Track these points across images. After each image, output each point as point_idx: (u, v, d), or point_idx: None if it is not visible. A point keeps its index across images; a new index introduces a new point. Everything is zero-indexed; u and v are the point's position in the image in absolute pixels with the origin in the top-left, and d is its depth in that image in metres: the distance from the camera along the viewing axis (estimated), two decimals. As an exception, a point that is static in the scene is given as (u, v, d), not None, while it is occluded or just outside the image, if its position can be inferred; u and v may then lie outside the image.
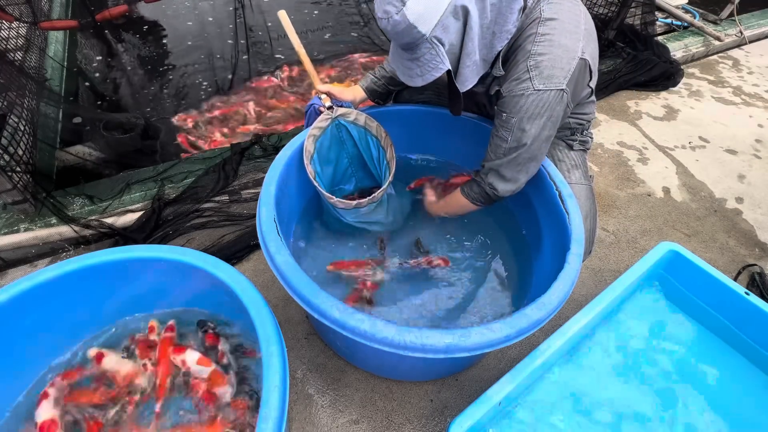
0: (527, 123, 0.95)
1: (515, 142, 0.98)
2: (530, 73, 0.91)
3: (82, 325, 1.02)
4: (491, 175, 1.06)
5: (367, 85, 1.30)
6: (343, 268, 1.21)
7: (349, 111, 1.22)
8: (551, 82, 0.90)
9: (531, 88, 0.91)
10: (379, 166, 1.31)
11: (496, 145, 1.02)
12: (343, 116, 1.22)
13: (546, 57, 0.90)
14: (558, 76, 0.90)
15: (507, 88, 0.96)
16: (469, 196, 1.14)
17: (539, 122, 0.95)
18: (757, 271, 1.48)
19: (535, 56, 0.90)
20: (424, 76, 0.90)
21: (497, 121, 1.01)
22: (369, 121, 1.24)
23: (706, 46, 2.78)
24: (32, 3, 2.14)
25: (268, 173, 1.06)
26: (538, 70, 0.90)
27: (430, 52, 0.86)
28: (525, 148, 0.99)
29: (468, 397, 1.13)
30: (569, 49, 0.90)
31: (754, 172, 1.96)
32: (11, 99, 1.51)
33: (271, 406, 0.69)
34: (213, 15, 3.04)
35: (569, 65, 0.91)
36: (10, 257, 1.37)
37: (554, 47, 0.90)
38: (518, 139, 0.97)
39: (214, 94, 2.28)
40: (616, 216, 1.68)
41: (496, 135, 1.02)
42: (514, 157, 1.01)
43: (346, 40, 2.82)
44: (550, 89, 0.91)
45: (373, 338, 0.76)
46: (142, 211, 1.47)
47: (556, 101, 0.92)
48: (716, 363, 1.15)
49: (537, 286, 1.12)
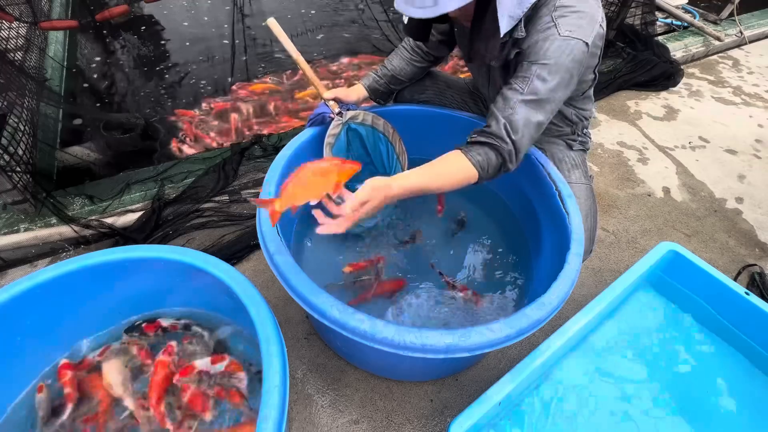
0: (548, 73, 0.87)
1: (531, 94, 0.88)
2: (555, 21, 0.86)
3: (82, 325, 1.02)
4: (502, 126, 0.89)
5: (369, 84, 1.30)
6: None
7: (357, 113, 1.22)
8: (577, 31, 0.86)
9: (556, 34, 0.86)
10: (389, 163, 1.31)
11: (506, 98, 0.90)
12: (353, 119, 1.22)
13: (572, 9, 0.87)
14: (584, 27, 0.87)
15: (529, 41, 0.89)
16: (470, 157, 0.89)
17: (559, 74, 0.87)
18: (757, 271, 1.48)
19: (560, 8, 0.87)
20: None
21: (515, 74, 0.91)
22: (376, 119, 1.25)
23: (706, 46, 2.78)
24: (32, 3, 2.14)
25: (268, 173, 1.06)
26: (563, 19, 0.86)
27: None
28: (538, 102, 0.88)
29: (468, 397, 1.13)
30: (593, 11, 0.88)
31: (754, 172, 1.96)
32: (11, 99, 1.51)
33: (271, 406, 0.69)
34: (213, 15, 3.04)
35: (593, 24, 0.88)
36: (10, 257, 1.37)
37: (581, 2, 0.87)
38: (534, 90, 0.87)
39: (213, 93, 2.28)
40: (616, 216, 1.68)
41: (509, 88, 0.90)
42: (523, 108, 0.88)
43: (346, 40, 2.83)
44: (576, 38, 0.86)
45: (373, 338, 0.76)
46: (142, 211, 1.47)
47: (579, 54, 0.87)
48: (716, 363, 1.15)
49: (537, 286, 1.12)
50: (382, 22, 2.86)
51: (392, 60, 1.28)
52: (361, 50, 2.68)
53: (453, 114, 1.34)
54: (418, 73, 1.32)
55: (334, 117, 1.19)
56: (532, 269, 1.23)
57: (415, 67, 1.29)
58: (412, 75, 1.30)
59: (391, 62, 1.28)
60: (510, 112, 0.89)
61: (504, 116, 0.89)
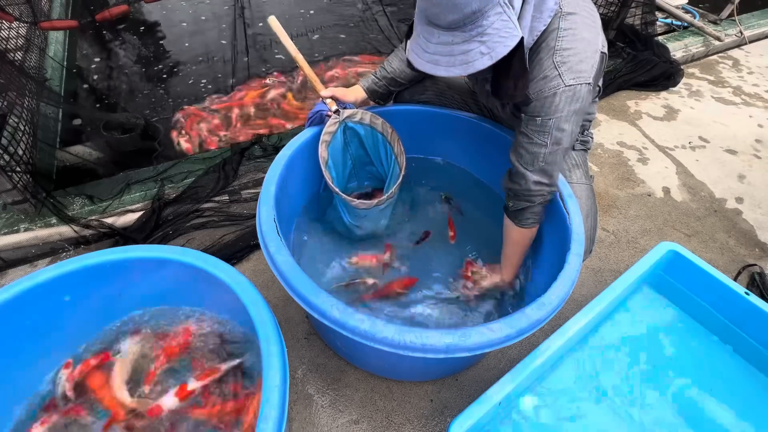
0: (564, 122, 0.91)
1: (555, 145, 0.93)
2: (558, 69, 0.87)
3: (81, 325, 1.02)
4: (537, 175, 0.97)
5: (368, 85, 1.29)
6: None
7: (354, 112, 1.22)
8: (581, 76, 0.87)
9: (562, 85, 0.87)
10: (387, 162, 1.30)
11: (533, 154, 0.95)
12: (349, 118, 1.22)
13: (571, 51, 0.87)
14: (585, 69, 0.87)
15: (535, 88, 0.90)
16: (525, 225, 1.05)
17: (573, 120, 0.91)
18: (757, 271, 1.48)
19: (560, 51, 0.87)
20: (493, 52, 0.75)
21: (530, 127, 0.94)
22: (374, 118, 1.24)
23: (706, 46, 2.78)
24: (32, 3, 2.14)
25: (268, 173, 1.06)
26: (566, 65, 0.86)
27: (501, 18, 0.74)
28: (562, 147, 0.94)
29: (468, 397, 1.13)
30: (591, 43, 0.88)
31: (754, 172, 1.96)
32: (11, 99, 1.51)
33: (271, 406, 0.69)
34: (212, 15, 3.04)
35: (593, 59, 0.89)
36: (10, 257, 1.37)
37: (578, 41, 0.87)
38: (557, 141, 0.93)
39: (212, 93, 2.27)
40: (616, 216, 1.68)
41: (531, 143, 0.95)
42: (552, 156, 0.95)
43: (345, 40, 2.82)
44: (580, 83, 0.87)
45: (373, 338, 0.76)
46: (142, 211, 1.47)
47: (585, 95, 0.89)
48: (716, 363, 1.15)
49: (537, 286, 1.12)
50: (381, 20, 2.86)
51: (392, 62, 1.27)
52: (361, 51, 2.68)
53: (453, 114, 1.34)
54: (417, 76, 1.31)
55: (331, 115, 1.19)
56: (532, 269, 1.22)
57: (415, 70, 1.28)
58: (411, 77, 1.30)
59: (391, 64, 1.27)
60: (542, 165, 0.96)
61: (534, 169, 0.97)
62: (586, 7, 0.92)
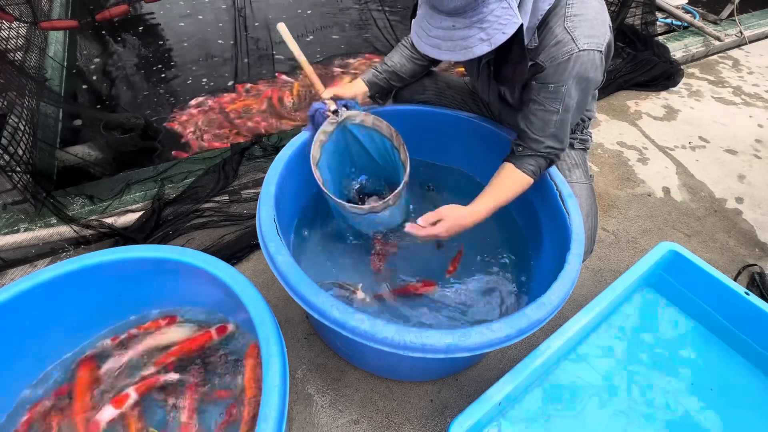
0: (575, 88, 0.91)
1: (566, 111, 0.94)
2: (571, 34, 0.86)
3: (81, 325, 1.02)
4: (550, 141, 0.99)
5: (368, 78, 1.27)
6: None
7: (355, 113, 1.18)
8: (593, 40, 0.87)
9: (576, 49, 0.86)
10: (393, 167, 1.29)
11: (544, 120, 0.96)
12: (349, 119, 1.19)
13: (582, 17, 0.87)
14: (598, 35, 0.87)
15: (547, 55, 0.89)
16: (524, 169, 1.03)
17: (582, 88, 0.92)
18: (757, 271, 1.48)
19: (571, 17, 0.86)
20: (492, 39, 0.76)
21: (542, 94, 0.94)
22: (377, 121, 1.21)
23: (706, 46, 2.78)
24: (32, 3, 2.14)
25: (268, 173, 1.06)
26: (578, 30, 0.86)
27: (501, 5, 0.75)
28: (571, 113, 0.96)
29: (468, 397, 1.13)
30: (601, 12, 0.89)
31: (754, 172, 1.96)
32: (11, 99, 1.51)
33: (271, 406, 0.69)
34: (212, 15, 3.04)
35: (604, 29, 0.89)
36: (10, 257, 1.37)
37: (588, 8, 0.87)
38: (568, 107, 0.94)
39: (212, 93, 2.27)
40: (616, 216, 1.68)
41: (543, 109, 0.95)
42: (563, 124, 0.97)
43: (346, 41, 2.83)
44: (593, 48, 0.87)
45: (373, 338, 0.76)
46: (142, 211, 1.47)
47: (598, 62, 0.89)
48: (716, 363, 1.15)
49: (537, 286, 1.12)
50: (381, 21, 2.86)
51: (392, 57, 1.26)
52: (361, 51, 2.68)
53: (453, 114, 1.34)
54: (419, 71, 1.30)
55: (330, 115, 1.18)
56: (532, 269, 1.22)
57: (416, 65, 1.27)
58: (412, 72, 1.29)
59: (392, 59, 1.26)
60: (552, 131, 0.98)
61: (546, 135, 0.98)
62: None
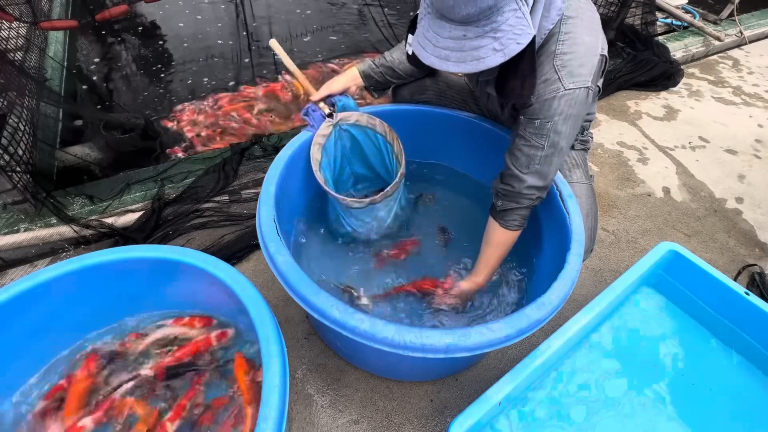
0: (562, 125, 0.91)
1: (551, 148, 0.94)
2: (558, 73, 0.87)
3: (81, 325, 1.02)
4: (532, 178, 0.98)
5: (364, 69, 1.25)
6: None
7: (348, 114, 1.21)
8: (579, 79, 0.88)
9: (562, 88, 0.88)
10: (389, 163, 1.30)
11: (529, 156, 0.96)
12: (343, 120, 1.21)
13: (571, 56, 0.87)
14: (584, 74, 0.88)
15: (535, 91, 0.91)
16: (510, 227, 1.04)
17: (571, 123, 0.92)
18: (757, 271, 1.48)
19: (560, 55, 0.87)
20: (506, 49, 0.73)
21: (528, 129, 0.95)
22: (370, 119, 1.23)
23: (706, 46, 2.78)
24: (32, 3, 2.14)
25: (268, 173, 1.06)
26: (566, 69, 0.87)
27: (515, 14, 0.72)
28: (558, 150, 0.95)
29: (468, 397, 1.13)
30: (591, 46, 0.89)
31: (754, 172, 1.96)
32: (11, 99, 1.51)
33: (271, 406, 0.69)
34: (212, 15, 3.04)
35: (593, 62, 0.89)
36: (10, 257, 1.37)
37: (578, 45, 0.87)
38: (554, 144, 0.94)
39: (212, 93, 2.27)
40: (616, 216, 1.68)
41: (528, 145, 0.95)
42: (549, 159, 0.96)
43: (346, 41, 2.83)
44: (579, 87, 0.88)
45: (373, 338, 0.76)
46: (142, 211, 1.47)
47: (584, 98, 0.90)
48: (716, 363, 1.15)
49: (537, 286, 1.12)
50: (381, 21, 2.86)
51: (393, 53, 1.25)
52: (361, 50, 2.68)
53: (453, 114, 1.34)
54: (417, 72, 1.30)
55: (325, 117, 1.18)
56: (532, 269, 1.22)
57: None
58: (410, 71, 1.27)
59: (392, 54, 1.25)
60: (537, 167, 0.97)
61: (530, 172, 0.97)
62: (587, 9, 0.92)
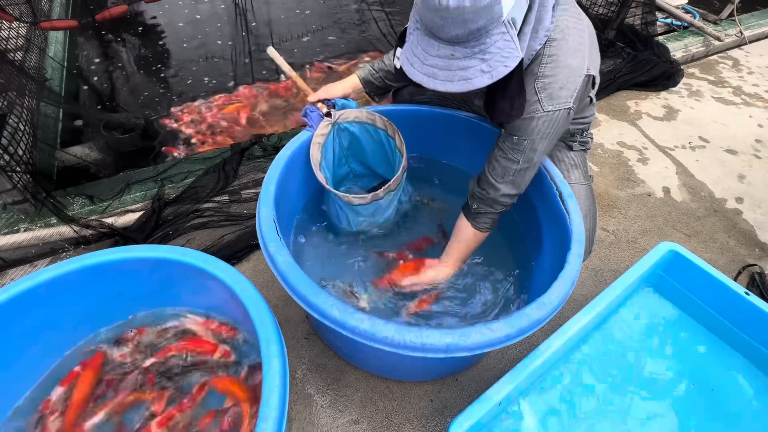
0: (539, 143, 0.95)
1: (526, 162, 0.98)
2: (538, 95, 0.89)
3: (81, 326, 1.02)
4: (507, 187, 1.02)
5: (363, 75, 1.27)
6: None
7: (347, 112, 1.21)
8: (559, 102, 0.90)
9: (541, 110, 0.90)
10: (391, 157, 1.30)
11: (505, 167, 1.00)
12: (342, 119, 1.21)
13: (553, 79, 0.89)
14: (564, 96, 0.90)
15: None
16: (481, 228, 1.09)
17: (548, 140, 0.96)
18: (757, 271, 1.48)
19: (542, 78, 0.89)
20: (494, 71, 0.74)
21: (506, 143, 0.98)
22: (369, 115, 1.23)
23: (706, 46, 2.78)
24: (32, 3, 2.14)
25: (268, 173, 1.06)
26: (546, 92, 0.89)
27: (504, 37, 0.73)
28: (533, 165, 1.00)
29: (468, 397, 1.13)
30: (574, 69, 0.90)
31: (754, 172, 1.96)
32: (11, 99, 1.50)
33: (271, 406, 0.69)
34: (214, 15, 3.05)
35: (575, 84, 0.90)
36: (10, 257, 1.37)
37: (560, 68, 0.88)
38: (529, 159, 0.98)
39: (212, 94, 2.28)
40: (616, 216, 1.68)
41: (505, 157, 0.99)
42: (522, 173, 1.01)
43: (345, 40, 2.83)
44: (558, 109, 0.90)
45: (373, 338, 0.76)
46: (142, 211, 1.47)
47: (563, 119, 0.93)
48: (716, 363, 1.15)
49: (537, 286, 1.12)
50: (381, 21, 2.86)
51: (390, 56, 1.25)
52: (361, 50, 2.68)
53: (453, 114, 1.34)
54: None
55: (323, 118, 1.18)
56: (532, 269, 1.22)
57: None
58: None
59: (389, 58, 1.25)
60: (511, 179, 1.01)
61: (505, 181, 1.02)
62: (574, 28, 0.91)
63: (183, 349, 1.02)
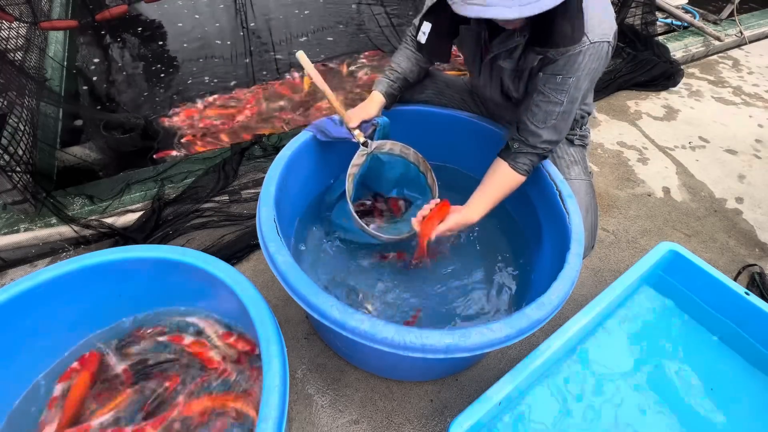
0: (584, 80, 0.94)
1: (570, 103, 0.96)
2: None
3: (81, 326, 1.02)
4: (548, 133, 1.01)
5: (385, 90, 1.24)
6: None
7: (383, 143, 1.22)
8: (603, 33, 0.90)
9: (587, 42, 0.89)
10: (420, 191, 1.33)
11: (547, 112, 0.98)
12: (378, 149, 1.22)
13: (591, 12, 0.88)
14: (606, 28, 0.90)
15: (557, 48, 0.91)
16: (519, 169, 1.05)
17: (590, 78, 0.95)
18: (757, 271, 1.48)
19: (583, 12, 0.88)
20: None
21: (549, 85, 0.96)
22: (404, 149, 1.26)
23: (706, 46, 2.78)
24: (32, 3, 2.14)
25: (268, 173, 1.06)
26: (589, 23, 0.88)
27: None
28: (575, 106, 0.98)
29: (468, 397, 1.13)
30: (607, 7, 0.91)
31: (754, 172, 1.96)
32: (11, 99, 1.51)
33: (271, 406, 0.69)
34: (213, 15, 3.05)
35: (611, 20, 0.91)
36: (10, 257, 1.37)
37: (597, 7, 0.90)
38: (573, 99, 0.96)
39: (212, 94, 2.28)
40: (616, 216, 1.68)
41: (547, 101, 0.97)
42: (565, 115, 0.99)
43: (346, 39, 2.83)
44: (603, 41, 0.90)
45: (373, 338, 0.76)
46: (142, 211, 1.47)
47: (605, 55, 0.92)
48: (716, 363, 1.15)
49: (537, 286, 1.12)
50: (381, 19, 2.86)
51: (400, 63, 1.24)
52: (362, 49, 2.68)
53: (453, 114, 1.34)
54: (422, 73, 1.31)
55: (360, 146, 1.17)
56: (532, 269, 1.23)
57: (420, 67, 1.27)
58: (417, 75, 1.28)
59: (400, 65, 1.24)
60: (554, 122, 0.99)
61: (547, 126, 1.00)
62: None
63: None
